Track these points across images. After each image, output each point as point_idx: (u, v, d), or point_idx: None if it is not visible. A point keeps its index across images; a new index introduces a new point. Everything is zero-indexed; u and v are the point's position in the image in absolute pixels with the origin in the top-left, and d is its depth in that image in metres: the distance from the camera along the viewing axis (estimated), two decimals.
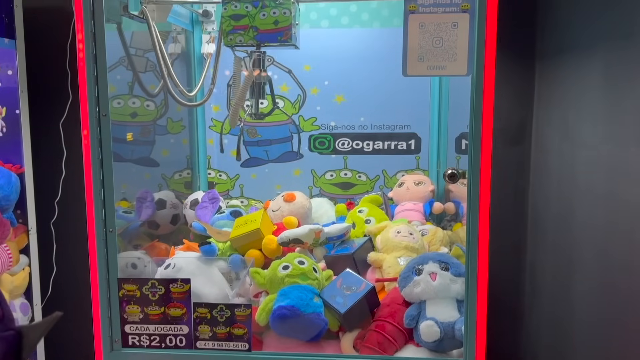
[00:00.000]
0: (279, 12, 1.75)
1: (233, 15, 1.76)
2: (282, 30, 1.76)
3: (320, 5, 2.37)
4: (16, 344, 0.65)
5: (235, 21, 1.76)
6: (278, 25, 1.76)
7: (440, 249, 1.99)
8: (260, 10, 1.74)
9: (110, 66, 1.66)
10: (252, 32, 1.76)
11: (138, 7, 1.75)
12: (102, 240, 1.61)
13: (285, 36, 1.76)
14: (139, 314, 1.65)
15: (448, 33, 1.44)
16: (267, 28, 1.76)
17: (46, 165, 2.39)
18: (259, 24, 1.75)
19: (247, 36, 1.77)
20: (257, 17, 1.74)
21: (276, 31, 1.76)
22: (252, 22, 1.75)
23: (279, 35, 1.76)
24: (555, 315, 2.00)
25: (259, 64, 1.87)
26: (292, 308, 1.64)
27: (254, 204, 2.54)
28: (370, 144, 2.45)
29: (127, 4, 1.74)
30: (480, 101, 1.45)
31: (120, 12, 1.74)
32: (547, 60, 2.14)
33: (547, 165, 2.13)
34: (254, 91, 1.92)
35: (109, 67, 1.62)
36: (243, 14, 1.75)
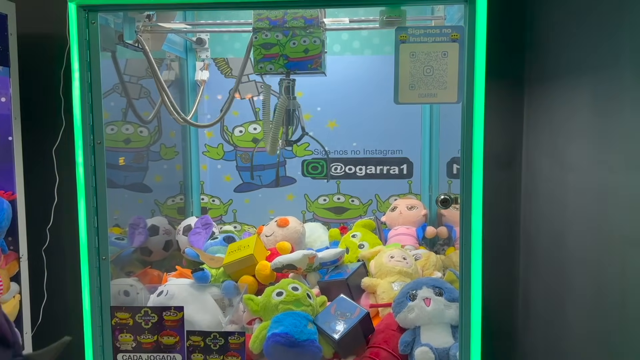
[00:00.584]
0: (309, 40, 1.78)
1: (264, 43, 1.79)
2: (312, 58, 1.80)
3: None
4: None
5: (265, 50, 1.79)
6: (308, 54, 1.80)
7: (433, 274, 1.99)
8: (291, 39, 1.78)
9: (104, 93, 1.68)
10: (282, 60, 1.80)
11: (133, 36, 1.77)
12: (95, 268, 1.60)
13: (315, 64, 1.80)
14: (132, 342, 1.63)
15: (438, 62, 1.47)
16: (297, 56, 1.80)
17: (38, 191, 2.39)
18: (289, 52, 1.79)
19: (278, 64, 1.80)
20: (287, 45, 1.78)
21: (306, 59, 1.79)
22: (282, 51, 1.79)
23: (309, 63, 1.80)
24: (549, 339, 1.99)
25: (289, 91, 1.88)
26: (286, 335, 1.63)
27: (248, 229, 2.54)
28: (362, 169, 2.47)
29: (122, 33, 1.77)
30: (470, 128, 1.47)
31: (116, 40, 1.76)
32: (535, 86, 2.19)
33: (537, 189, 2.16)
34: (285, 119, 1.92)
35: (102, 94, 1.64)
36: (274, 43, 1.78)
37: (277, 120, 1.90)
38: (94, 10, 1.52)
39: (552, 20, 2.00)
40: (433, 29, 1.46)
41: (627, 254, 1.43)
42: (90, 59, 1.53)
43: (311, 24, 1.77)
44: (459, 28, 1.45)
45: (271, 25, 1.78)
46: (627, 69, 1.42)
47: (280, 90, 1.89)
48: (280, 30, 1.78)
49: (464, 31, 1.45)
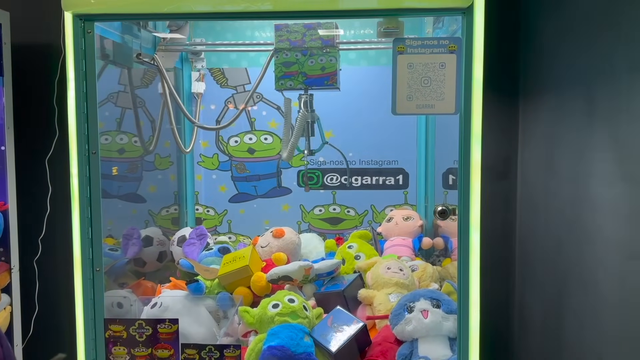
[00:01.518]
0: (325, 59, 1.95)
1: (284, 62, 1.97)
2: (328, 75, 1.97)
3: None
4: None
5: (286, 68, 1.97)
6: (325, 71, 1.96)
7: (430, 285, 1.98)
8: (309, 58, 1.95)
9: (98, 102, 1.68)
10: (301, 77, 1.97)
11: (151, 56, 1.93)
12: (89, 280, 1.58)
13: (331, 80, 1.97)
14: (126, 355, 1.60)
15: (436, 73, 1.47)
16: (314, 73, 1.97)
17: (31, 201, 2.36)
18: (307, 70, 1.96)
19: (297, 81, 1.97)
20: (305, 64, 1.95)
21: (323, 76, 1.97)
22: (301, 69, 1.96)
23: (325, 80, 1.97)
24: (545, 350, 1.99)
25: (307, 105, 2.02)
26: (283, 348, 1.61)
27: (242, 240, 2.52)
28: (358, 179, 2.46)
29: (140, 51, 1.90)
30: (468, 139, 1.47)
31: (134, 59, 1.89)
32: (530, 98, 2.19)
33: (533, 200, 2.16)
34: (305, 130, 2.06)
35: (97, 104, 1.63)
36: (293, 62, 1.96)
37: (298, 130, 2.03)
38: (90, 19, 1.51)
39: (547, 33, 2.01)
40: (431, 40, 1.46)
41: (623, 266, 1.43)
42: (86, 68, 1.52)
43: (328, 45, 1.94)
44: (457, 39, 1.46)
45: (291, 45, 1.95)
46: (620, 81, 1.43)
47: (300, 104, 2.04)
48: (299, 50, 1.95)
49: (462, 42, 1.45)
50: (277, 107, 2.44)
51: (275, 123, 2.47)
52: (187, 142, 2.46)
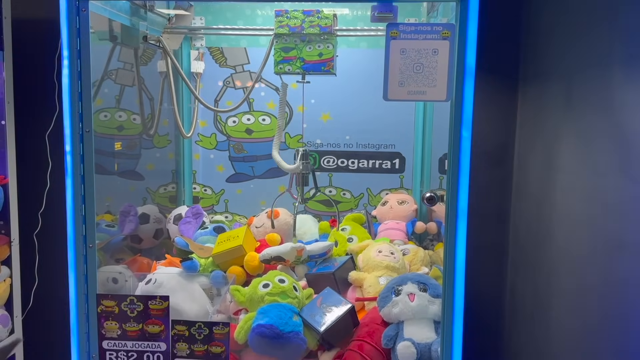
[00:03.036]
0: (323, 46, 2.01)
1: (283, 47, 2.02)
2: (325, 61, 2.02)
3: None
4: None
5: (285, 53, 2.03)
6: (322, 57, 2.02)
7: (421, 269, 2.00)
8: (307, 44, 2.01)
9: (97, 80, 1.70)
10: (299, 62, 2.02)
11: (158, 38, 2.01)
12: (82, 256, 1.61)
13: (328, 66, 2.03)
14: (117, 330, 1.64)
15: (428, 59, 1.47)
16: (312, 59, 2.02)
17: (31, 176, 2.39)
18: (305, 55, 2.01)
19: (295, 65, 2.03)
20: (304, 49, 2.01)
21: (320, 62, 2.02)
22: (299, 54, 2.01)
23: (322, 66, 2.03)
24: (534, 336, 2.01)
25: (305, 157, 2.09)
26: (271, 327, 1.65)
27: (238, 220, 2.55)
28: (355, 162, 2.47)
29: (147, 34, 1.96)
30: (459, 126, 1.48)
31: (141, 40, 1.95)
32: (529, 85, 2.18)
33: (527, 187, 2.16)
34: (299, 181, 2.12)
35: (96, 81, 1.66)
36: (292, 47, 2.01)
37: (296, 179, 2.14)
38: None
39: (547, 21, 1.99)
40: (424, 27, 1.46)
41: (612, 256, 1.44)
42: (80, 47, 1.53)
43: (325, 32, 1.98)
44: (450, 26, 1.45)
45: (291, 31, 2.00)
46: (618, 71, 1.42)
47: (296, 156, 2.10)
48: (298, 36, 2.00)
49: (455, 29, 1.44)
50: (275, 87, 2.44)
51: (274, 104, 2.48)
52: (185, 123, 2.48)
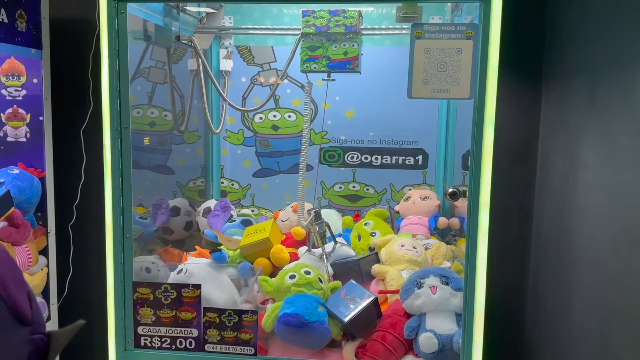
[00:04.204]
0: (348, 44, 2.05)
1: (310, 46, 2.08)
2: (350, 59, 2.07)
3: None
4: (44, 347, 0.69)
5: (311, 51, 2.08)
6: (347, 56, 2.07)
7: (443, 263, 2.04)
8: (333, 43, 2.06)
9: (130, 77, 1.78)
10: (325, 60, 2.07)
11: (190, 38, 2.06)
12: (120, 245, 1.69)
13: (352, 65, 2.08)
14: (152, 316, 1.73)
15: (452, 58, 1.51)
16: (338, 57, 2.07)
17: (66, 170, 2.49)
18: (331, 54, 2.07)
19: (321, 64, 2.09)
20: (329, 48, 2.07)
21: (345, 60, 2.07)
22: (325, 53, 2.07)
23: (347, 64, 2.07)
24: (555, 331, 2.04)
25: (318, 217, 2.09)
26: (297, 316, 1.71)
27: (264, 214, 2.62)
28: (378, 158, 2.52)
29: (179, 34, 2.02)
30: (481, 124, 1.51)
31: (173, 40, 2.03)
32: (552, 82, 2.20)
33: (550, 184, 2.18)
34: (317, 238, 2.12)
35: (130, 78, 1.74)
36: (318, 46, 2.07)
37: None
38: (123, 0, 1.59)
39: (572, 19, 2.01)
40: (448, 26, 1.50)
41: (634, 253, 1.47)
42: (119, 47, 1.61)
43: (351, 31, 2.03)
44: (474, 26, 1.49)
45: (317, 30, 2.04)
46: None
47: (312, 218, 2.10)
48: (324, 35, 2.05)
49: (479, 29, 1.48)
50: (300, 85, 2.49)
51: (299, 101, 2.54)
52: (214, 119, 2.55)
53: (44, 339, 0.70)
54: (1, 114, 2.31)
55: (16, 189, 2.20)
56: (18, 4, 2.17)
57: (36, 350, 0.69)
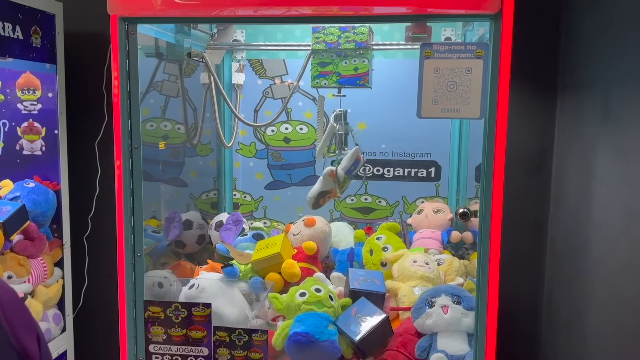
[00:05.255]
0: (359, 60, 2.05)
1: (320, 62, 2.08)
2: (360, 75, 2.06)
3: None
4: None
5: (321, 67, 2.09)
6: (357, 71, 2.06)
7: (455, 279, 2.02)
8: (343, 59, 2.06)
9: (143, 91, 1.80)
10: (335, 76, 2.08)
11: (201, 54, 2.09)
12: (131, 264, 1.71)
13: (363, 80, 2.08)
14: (163, 334, 1.74)
15: (462, 78, 1.49)
16: (348, 73, 2.07)
17: (81, 182, 2.52)
18: (341, 70, 2.07)
19: (331, 80, 2.09)
20: (340, 64, 2.06)
21: (356, 76, 2.06)
22: (335, 69, 2.07)
23: (358, 80, 2.07)
24: (570, 345, 2.01)
25: (341, 119, 2.16)
26: (307, 335, 1.70)
27: (276, 226, 2.62)
28: (390, 171, 2.50)
29: (190, 51, 2.04)
30: (492, 143, 1.49)
31: (184, 57, 2.04)
32: (568, 95, 2.17)
33: (566, 197, 2.15)
34: (337, 141, 2.20)
35: (142, 92, 1.76)
36: (328, 62, 2.07)
37: (326, 137, 2.20)
38: (133, 22, 1.60)
39: (588, 32, 1.97)
40: (458, 45, 1.48)
41: None
42: (129, 68, 1.62)
43: (361, 47, 2.02)
44: (484, 45, 1.47)
45: (327, 47, 2.04)
46: None
47: (332, 118, 2.16)
48: (334, 52, 2.05)
49: (489, 48, 1.46)
50: (312, 97, 2.49)
51: (311, 114, 2.53)
52: (226, 132, 2.56)
53: None
54: (17, 128, 2.35)
55: (31, 202, 2.23)
56: (33, 20, 2.21)
57: None
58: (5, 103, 2.35)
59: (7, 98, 2.34)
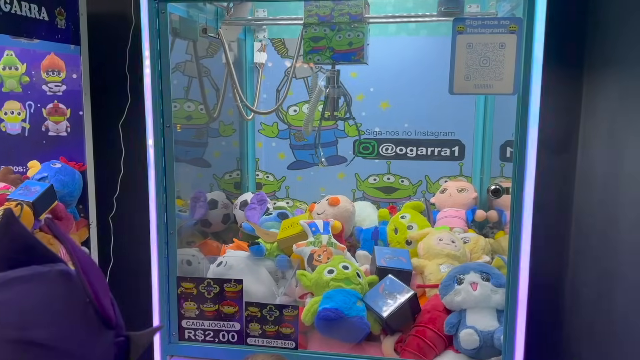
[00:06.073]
0: (353, 34, 1.93)
1: (312, 37, 1.96)
2: (355, 50, 1.94)
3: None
4: (126, 350, 0.73)
5: (314, 42, 1.96)
6: (352, 46, 1.95)
7: (481, 258, 2.03)
8: (337, 33, 1.94)
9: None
10: (328, 52, 1.96)
11: (216, 30, 2.02)
12: (164, 241, 1.73)
13: (358, 56, 1.95)
14: (195, 310, 1.77)
15: (495, 53, 1.48)
16: (342, 49, 1.96)
17: (106, 163, 2.55)
18: (335, 45, 1.95)
19: (324, 55, 1.97)
20: (333, 39, 1.95)
21: (350, 51, 1.95)
22: (329, 44, 1.95)
23: (352, 55, 1.95)
24: (595, 326, 2.01)
25: (332, 81, 2.05)
26: (336, 311, 1.72)
27: (299, 206, 2.63)
28: (413, 150, 2.50)
29: (205, 26, 1.98)
30: (525, 120, 1.49)
31: (200, 33, 1.98)
32: (595, 72, 2.14)
33: (592, 175, 2.14)
34: (329, 105, 2.10)
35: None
36: (321, 37, 1.95)
37: (312, 105, 2.08)
38: (163, 0, 1.60)
39: (615, 8, 1.94)
40: (491, 20, 1.47)
41: None
42: (160, 47, 1.62)
43: (356, 20, 1.91)
44: (518, 20, 1.45)
45: (320, 20, 1.93)
46: None
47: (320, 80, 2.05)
48: (327, 25, 1.93)
49: (523, 23, 1.45)
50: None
51: None
52: (248, 111, 2.56)
53: (126, 341, 0.73)
54: (43, 109, 2.38)
55: (59, 182, 2.26)
56: (57, 1, 2.21)
57: (119, 352, 0.72)
58: (31, 84, 2.37)
59: (32, 80, 2.36)
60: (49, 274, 0.70)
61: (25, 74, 2.35)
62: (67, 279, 0.70)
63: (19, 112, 2.37)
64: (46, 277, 0.70)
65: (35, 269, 0.70)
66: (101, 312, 0.70)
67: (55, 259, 0.74)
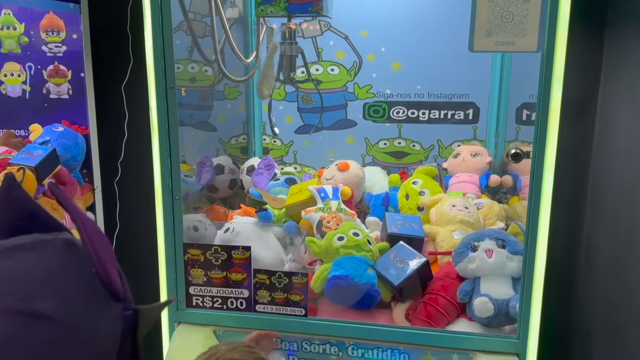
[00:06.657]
0: None
1: None
2: (313, 1, 1.72)
3: None
4: (134, 323, 0.70)
5: None
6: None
7: (496, 224, 1.97)
8: None
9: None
10: (283, 3, 1.73)
11: None
12: (169, 207, 1.68)
13: (316, 7, 1.71)
14: (203, 277, 1.73)
15: (519, 8, 1.39)
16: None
17: (109, 126, 2.49)
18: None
19: (278, 7, 1.74)
20: None
21: (307, 2, 1.72)
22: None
23: (309, 6, 1.72)
24: (609, 294, 1.97)
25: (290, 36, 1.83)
26: (347, 278, 1.69)
27: (307, 171, 2.57)
28: (425, 113, 2.41)
29: None
30: (549, 80, 1.40)
31: None
32: (617, 32, 2.03)
33: (611, 139, 2.06)
34: (285, 63, 1.89)
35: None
36: None
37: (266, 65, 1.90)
38: None
39: None
40: None
41: None
42: (161, 2, 1.54)
43: None
44: None
45: None
46: None
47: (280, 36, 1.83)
48: None
49: None
50: (344, 36, 2.38)
51: (343, 53, 2.43)
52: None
53: (134, 315, 0.70)
54: (43, 71, 2.30)
55: (61, 146, 2.21)
56: None
57: (128, 325, 0.69)
58: (30, 45, 2.29)
59: (31, 40, 2.28)
60: (52, 242, 0.67)
61: (24, 34, 2.27)
62: (72, 248, 0.67)
63: (19, 74, 2.30)
64: (49, 246, 0.67)
65: (37, 237, 0.67)
66: (108, 283, 0.66)
67: (60, 227, 0.70)
